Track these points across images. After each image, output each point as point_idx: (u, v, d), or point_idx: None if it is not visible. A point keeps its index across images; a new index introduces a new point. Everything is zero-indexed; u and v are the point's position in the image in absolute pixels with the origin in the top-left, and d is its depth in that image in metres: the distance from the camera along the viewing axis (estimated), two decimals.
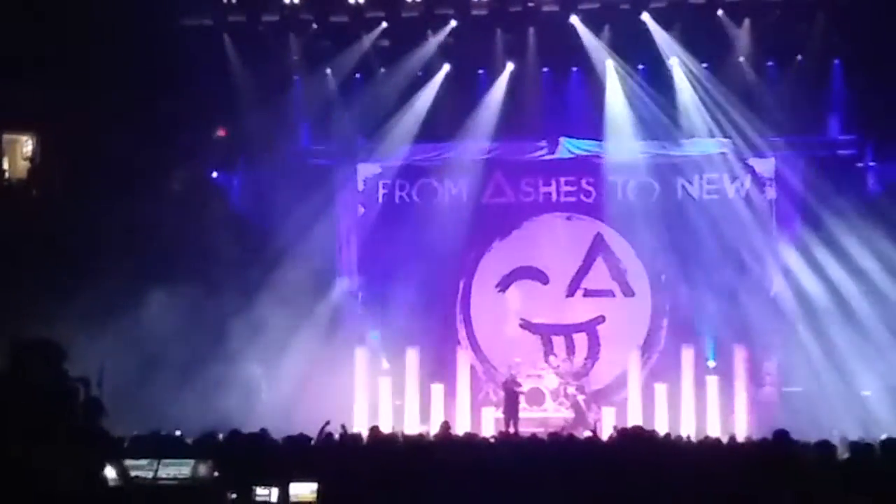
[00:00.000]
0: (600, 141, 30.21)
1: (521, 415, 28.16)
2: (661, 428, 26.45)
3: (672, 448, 17.60)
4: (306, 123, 31.37)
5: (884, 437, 16.52)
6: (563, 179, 30.89)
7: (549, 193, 30.95)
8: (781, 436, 14.08)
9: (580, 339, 30.48)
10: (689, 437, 24.75)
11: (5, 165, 29.59)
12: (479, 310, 31.11)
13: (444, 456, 15.63)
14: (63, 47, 26.09)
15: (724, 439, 20.53)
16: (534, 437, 18.34)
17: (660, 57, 29.29)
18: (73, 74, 26.10)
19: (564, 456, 15.65)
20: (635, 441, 15.30)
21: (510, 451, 16.84)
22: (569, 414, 28.83)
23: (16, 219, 27.46)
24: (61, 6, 26.70)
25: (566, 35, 29.17)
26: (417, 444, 17.70)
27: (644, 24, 28.81)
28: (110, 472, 13.63)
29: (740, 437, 23.25)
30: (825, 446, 14.03)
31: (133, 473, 14.05)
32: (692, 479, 13.72)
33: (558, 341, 30.46)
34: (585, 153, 30.47)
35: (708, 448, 17.60)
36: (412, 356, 29.49)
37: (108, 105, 26.55)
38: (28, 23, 26.53)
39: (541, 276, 30.71)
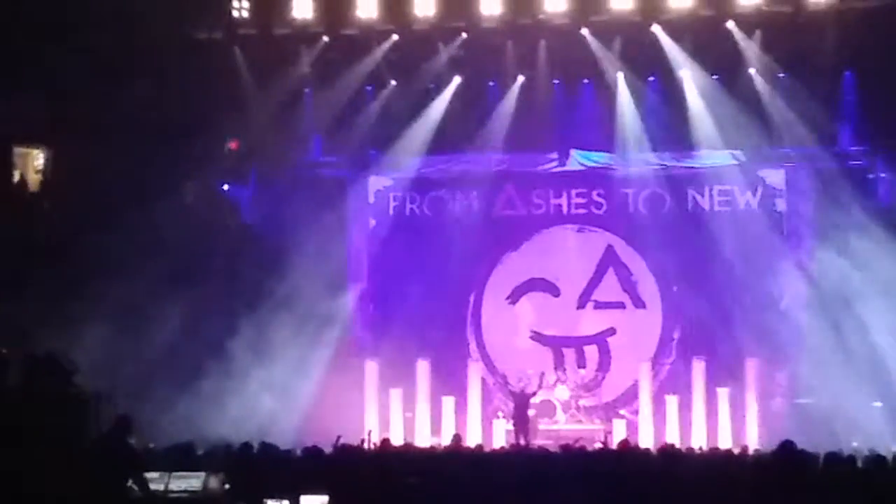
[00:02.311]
0: (611, 153, 30.21)
1: (533, 427, 28.16)
2: (672, 440, 26.47)
3: (681, 460, 17.58)
4: (317, 136, 31.39)
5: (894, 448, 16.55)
6: (573, 191, 30.89)
7: (560, 205, 30.95)
8: (787, 446, 14.07)
9: (591, 351, 30.45)
10: (700, 448, 24.78)
11: (17, 178, 29.67)
12: (490, 322, 31.10)
13: (455, 468, 15.65)
14: (74, 60, 26.15)
15: (735, 451, 20.51)
16: (544, 449, 18.35)
17: (670, 69, 29.27)
18: (83, 87, 26.15)
19: (575, 468, 15.66)
20: (646, 454, 15.31)
21: (521, 463, 16.85)
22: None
23: (28, 231, 27.52)
24: (73, 19, 26.76)
25: (577, 47, 29.16)
26: (428, 457, 17.72)
27: (655, 36, 28.80)
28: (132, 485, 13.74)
29: (751, 449, 23.21)
30: (833, 457, 14.02)
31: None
32: (700, 491, 13.73)
33: (569, 353, 30.44)
34: (596, 165, 30.47)
35: (717, 459, 17.59)
36: (423, 368, 29.51)
37: (119, 118, 26.61)
38: (39, 36, 26.62)
39: (552, 289, 30.70)
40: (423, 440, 27.50)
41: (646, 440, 26.87)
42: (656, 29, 28.79)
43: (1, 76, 26.78)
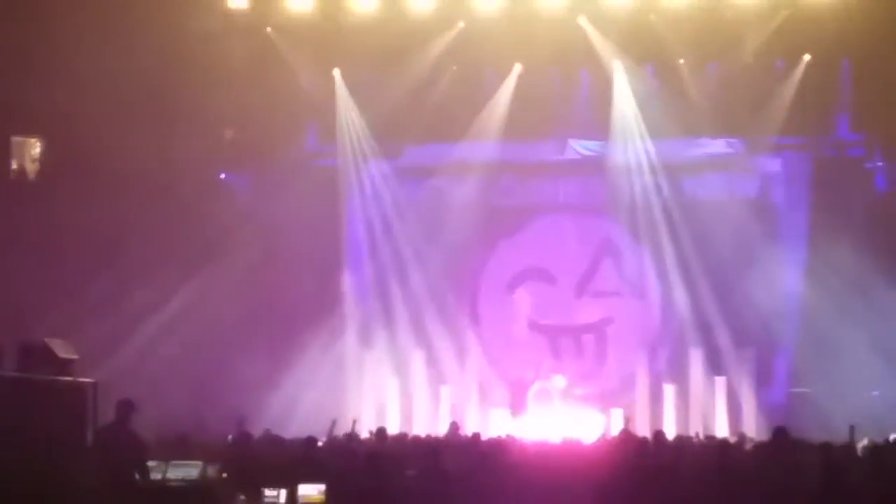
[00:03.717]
0: (608, 142, 30.19)
1: (530, 416, 28.19)
2: (669, 429, 26.50)
3: (676, 448, 17.62)
4: (314, 124, 31.38)
5: (892, 437, 16.56)
6: (570, 180, 30.88)
7: (557, 194, 30.96)
8: (780, 433, 14.09)
9: (588, 340, 30.45)
10: (697, 434, 24.83)
11: (14, 167, 29.64)
12: (487, 311, 31.09)
13: (453, 457, 15.65)
14: (72, 50, 26.11)
15: (732, 440, 20.54)
16: (544, 439, 18.36)
17: (668, 57, 29.23)
18: (81, 76, 26.11)
19: (574, 458, 15.69)
20: (643, 444, 15.33)
21: (519, 452, 16.87)
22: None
23: (25, 220, 27.49)
24: (70, 9, 26.73)
25: (575, 36, 29.09)
26: (426, 445, 17.72)
27: (652, 24, 28.74)
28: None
29: (748, 438, 23.23)
30: (830, 445, 14.04)
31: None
32: (698, 479, 13.76)
33: (566, 342, 30.44)
34: (593, 154, 30.45)
35: (713, 448, 17.60)
36: (420, 357, 29.49)
37: (117, 107, 26.57)
38: (36, 26, 26.60)
39: (549, 277, 30.70)
40: (420, 429, 27.49)
41: (643, 429, 26.85)
42: (653, 17, 28.74)
43: None
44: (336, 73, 30.52)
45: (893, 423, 24.25)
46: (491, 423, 28.67)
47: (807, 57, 28.82)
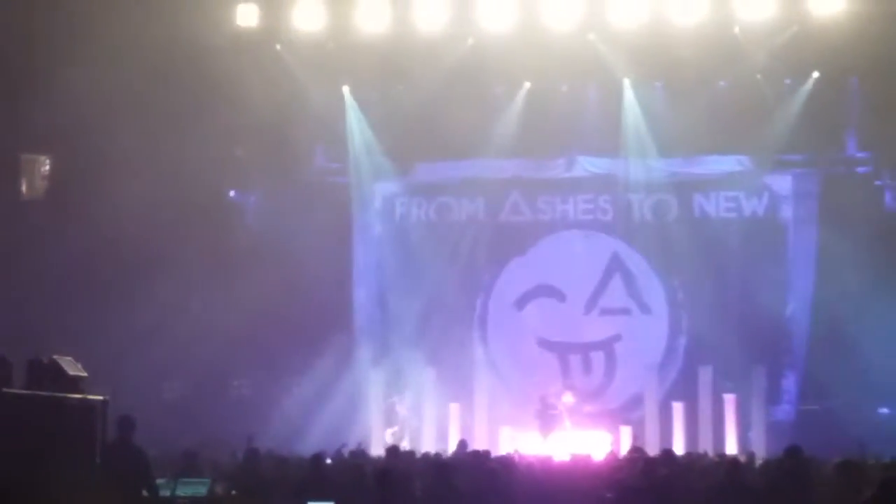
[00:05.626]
0: (618, 159, 30.17)
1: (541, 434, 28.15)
2: (679, 447, 26.42)
3: (685, 466, 17.58)
4: (323, 142, 31.39)
5: None
6: (580, 197, 30.86)
7: (567, 211, 30.93)
8: (793, 451, 14.04)
9: (597, 358, 30.40)
10: (706, 452, 24.75)
11: (23, 185, 29.71)
12: (497, 328, 31.06)
13: (462, 474, 15.63)
14: (80, 67, 26.18)
15: (742, 458, 20.48)
16: (552, 457, 18.32)
17: (677, 74, 29.22)
18: (90, 94, 26.18)
19: (582, 476, 15.67)
20: (649, 462, 15.30)
21: (527, 470, 16.85)
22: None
23: (34, 237, 27.55)
24: (79, 27, 26.82)
25: (584, 53, 29.08)
26: (435, 463, 17.69)
27: (661, 41, 28.73)
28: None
29: (758, 457, 23.18)
30: (841, 464, 13.99)
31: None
32: (705, 496, 13.74)
33: (575, 359, 30.39)
34: (602, 171, 30.45)
35: (724, 466, 17.54)
36: (429, 375, 29.45)
37: (126, 124, 26.65)
38: (45, 44, 26.69)
39: (558, 295, 30.66)
40: (429, 446, 27.45)
41: (652, 447, 26.78)
42: (663, 35, 28.71)
43: (8, 85, 26.88)
44: (345, 90, 30.56)
45: None
46: (500, 440, 28.64)
47: (815, 74, 28.84)
